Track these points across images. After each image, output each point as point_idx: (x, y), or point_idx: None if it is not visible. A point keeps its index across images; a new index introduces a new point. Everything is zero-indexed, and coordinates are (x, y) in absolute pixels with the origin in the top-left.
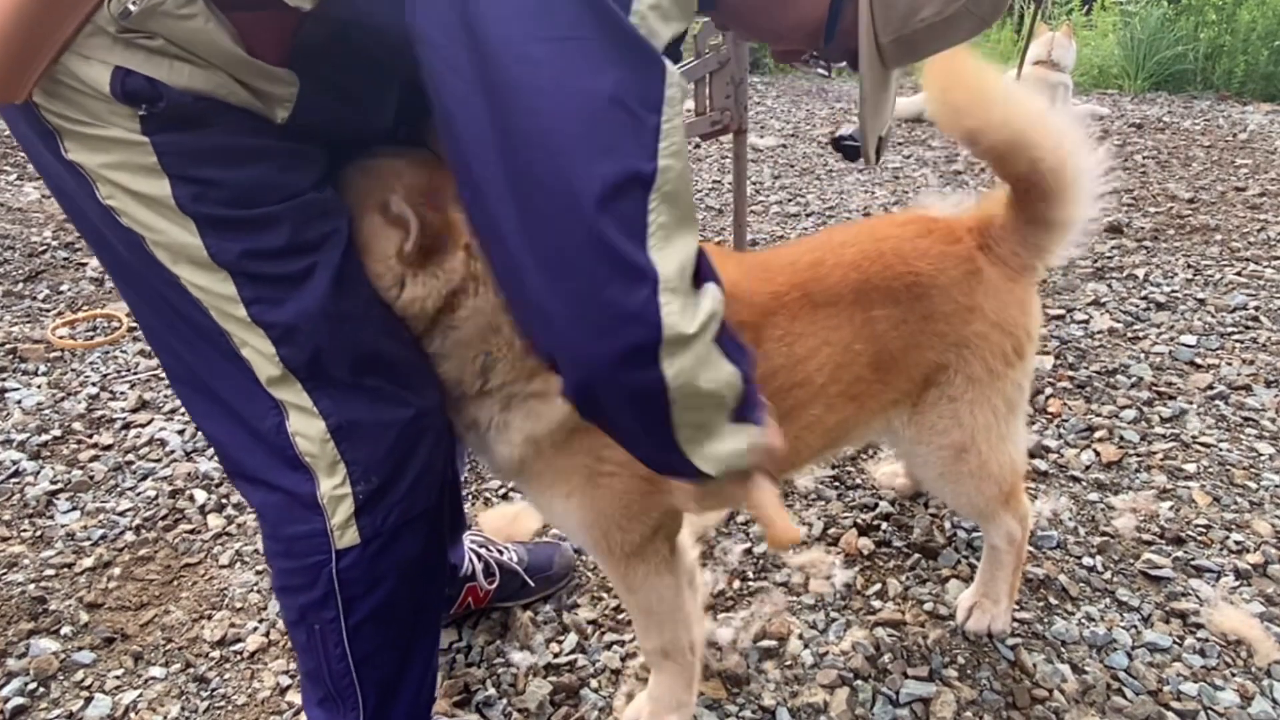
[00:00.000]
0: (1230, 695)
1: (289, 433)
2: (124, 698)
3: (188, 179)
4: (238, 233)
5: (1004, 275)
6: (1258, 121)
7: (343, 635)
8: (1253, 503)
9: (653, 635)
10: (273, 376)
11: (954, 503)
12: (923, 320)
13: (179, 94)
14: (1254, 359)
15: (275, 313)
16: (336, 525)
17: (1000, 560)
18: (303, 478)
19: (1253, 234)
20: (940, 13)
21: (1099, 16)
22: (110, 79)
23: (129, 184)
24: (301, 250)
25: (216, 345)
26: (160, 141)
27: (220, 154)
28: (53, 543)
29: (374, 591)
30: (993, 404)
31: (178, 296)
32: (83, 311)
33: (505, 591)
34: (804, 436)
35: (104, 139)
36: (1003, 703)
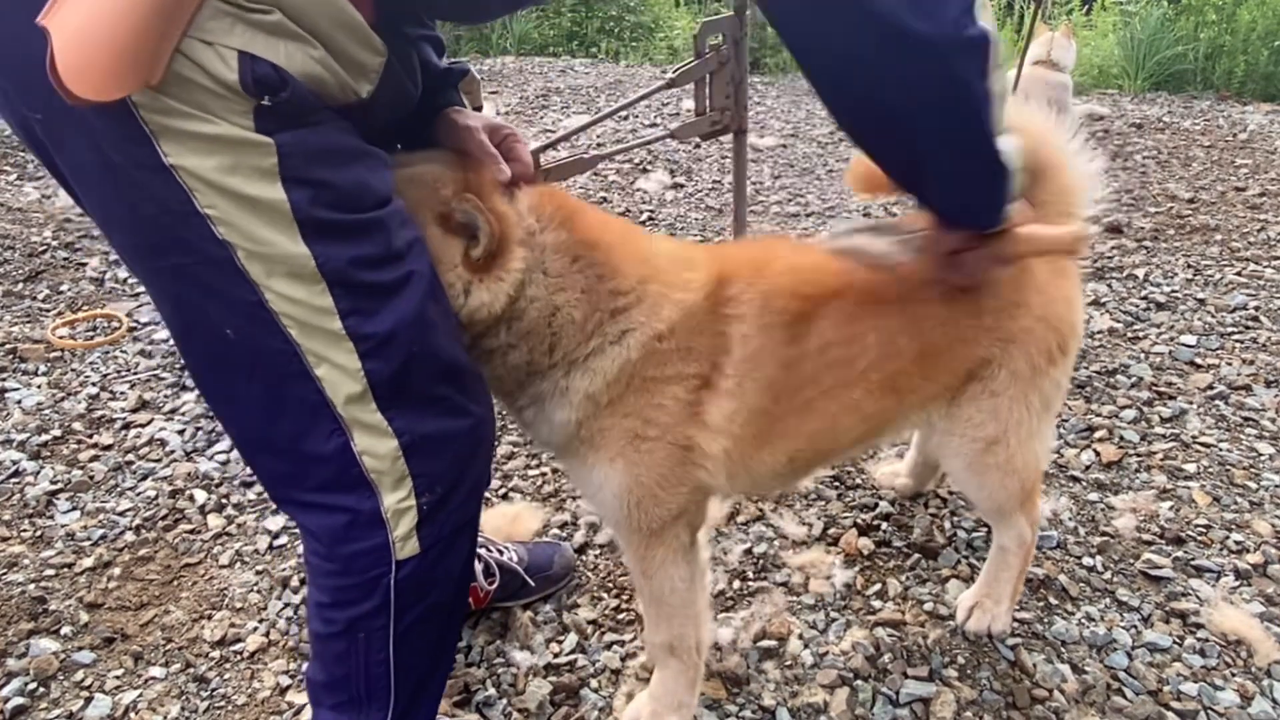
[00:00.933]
0: (1230, 695)
1: (355, 452)
2: (124, 698)
3: (303, 181)
4: (345, 239)
5: (1051, 270)
6: (1258, 121)
7: (388, 641)
8: (1253, 503)
9: (662, 628)
10: (351, 394)
11: (976, 495)
12: (970, 315)
13: (299, 83)
14: (1254, 359)
15: (371, 324)
16: (399, 538)
17: (1007, 562)
18: (364, 495)
19: (1253, 234)
20: None
21: (1099, 16)
22: (239, 67)
23: (242, 188)
24: (397, 258)
25: (282, 370)
26: (284, 140)
27: (328, 154)
28: (53, 543)
29: (425, 597)
30: (1029, 400)
31: (251, 316)
32: (83, 311)
33: (506, 591)
34: (841, 419)
35: (217, 139)
36: (1003, 703)
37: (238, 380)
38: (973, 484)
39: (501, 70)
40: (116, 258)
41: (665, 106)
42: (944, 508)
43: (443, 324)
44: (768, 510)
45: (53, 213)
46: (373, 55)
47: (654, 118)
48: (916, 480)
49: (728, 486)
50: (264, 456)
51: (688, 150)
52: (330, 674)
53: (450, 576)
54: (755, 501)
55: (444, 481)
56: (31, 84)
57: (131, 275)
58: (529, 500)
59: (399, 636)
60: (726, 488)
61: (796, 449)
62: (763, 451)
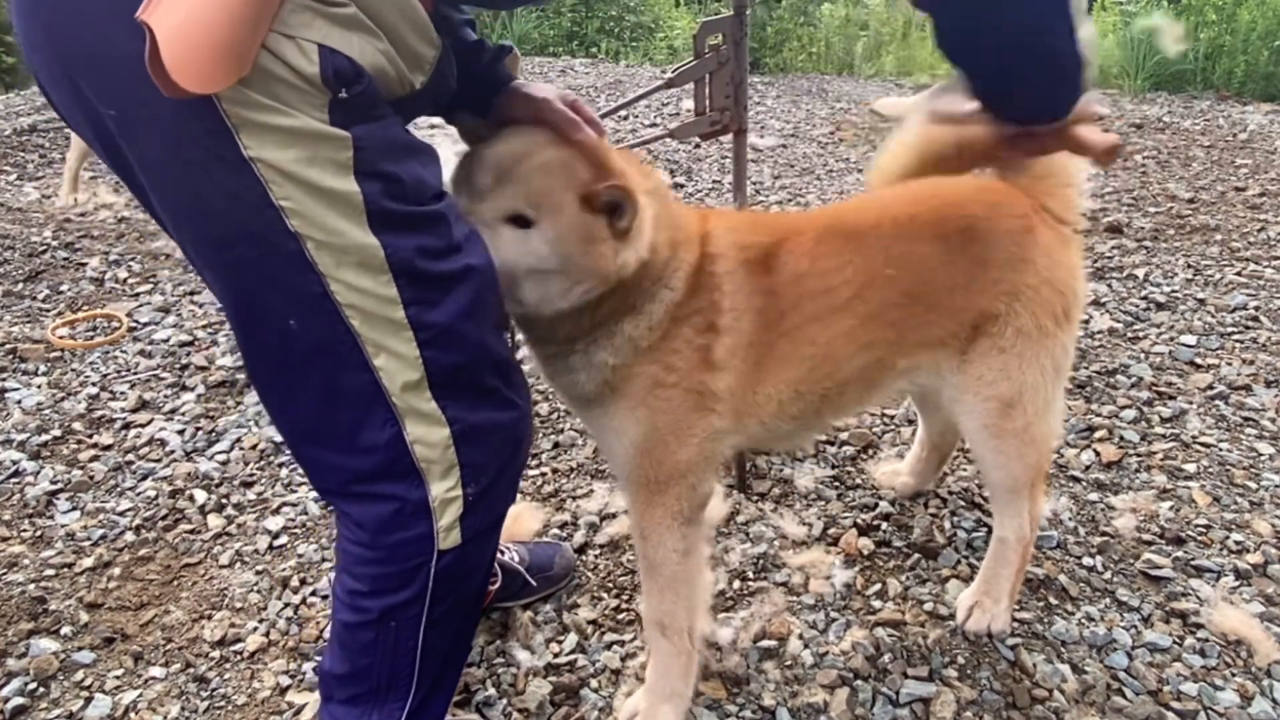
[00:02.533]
0: (1230, 695)
1: (408, 441)
2: (124, 698)
3: (374, 174)
4: (410, 231)
5: (1057, 236)
6: (1258, 121)
7: (419, 630)
8: (1253, 503)
9: (654, 600)
10: (408, 382)
11: (993, 462)
12: (975, 264)
13: (371, 76)
14: (1254, 359)
15: (432, 314)
16: (443, 527)
17: (1005, 558)
18: (413, 484)
19: (1253, 234)
20: None
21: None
22: (319, 60)
23: (318, 180)
24: (454, 249)
25: (341, 360)
26: (359, 134)
27: (394, 149)
28: (53, 543)
29: (458, 588)
30: (1041, 363)
31: (310, 311)
32: (83, 311)
33: (506, 591)
34: (837, 346)
35: (296, 132)
36: (1003, 703)
37: (296, 372)
38: (990, 449)
39: None
40: (117, 257)
41: (665, 106)
42: (944, 508)
43: (495, 316)
44: (768, 510)
45: (53, 213)
46: (429, 48)
47: (654, 118)
48: (917, 479)
49: (738, 430)
50: (317, 448)
51: (688, 150)
52: (353, 664)
53: (480, 568)
54: (755, 501)
55: (488, 472)
56: (110, 82)
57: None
58: (529, 500)
59: (430, 626)
60: (738, 432)
61: (798, 378)
62: (765, 384)
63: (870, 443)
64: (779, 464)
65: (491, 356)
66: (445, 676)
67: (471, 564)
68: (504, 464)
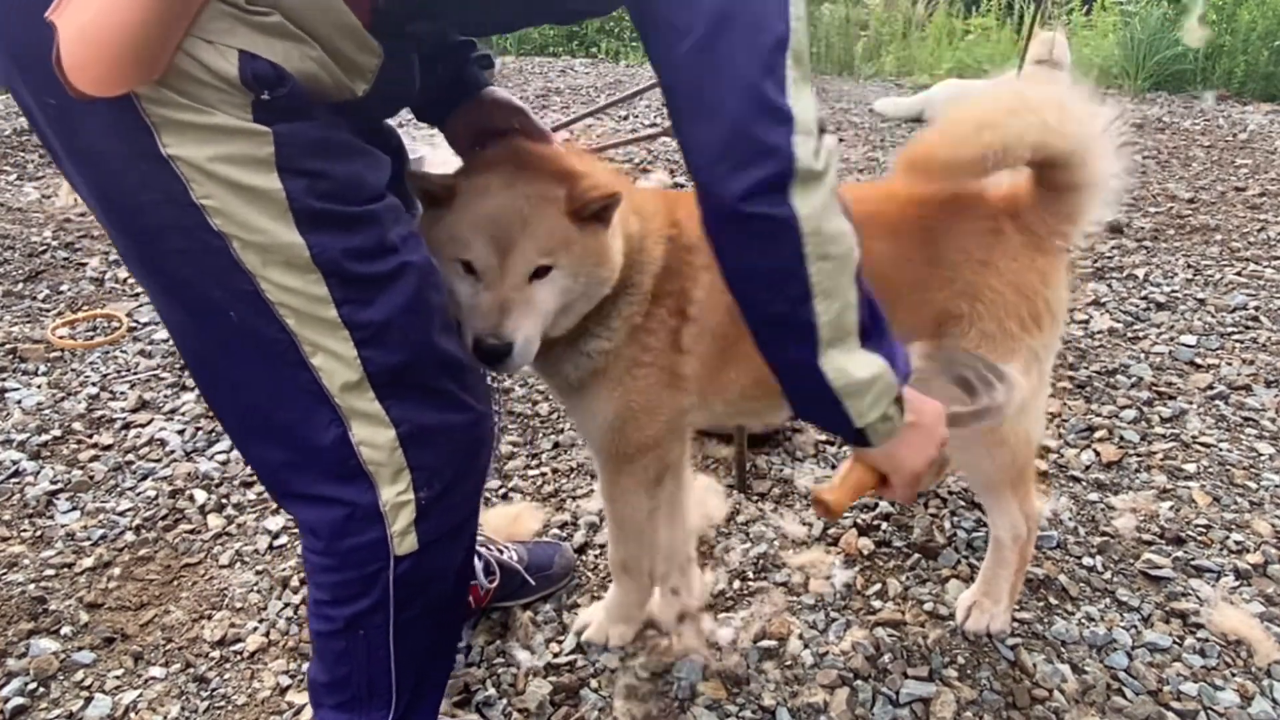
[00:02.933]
0: (1230, 695)
1: (353, 443)
2: (124, 698)
3: (299, 171)
4: (338, 230)
5: (1029, 243)
6: (1258, 121)
7: (389, 638)
8: (1253, 503)
9: (619, 546)
10: (348, 382)
11: (965, 463)
12: (929, 263)
13: (297, 80)
14: (1254, 359)
15: (366, 312)
16: (397, 532)
17: (1003, 558)
18: (363, 488)
19: (1253, 234)
20: None
21: (1099, 16)
22: (239, 64)
23: (238, 177)
24: (390, 250)
25: (279, 358)
26: (280, 130)
27: (325, 147)
28: (53, 543)
29: (424, 594)
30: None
31: (246, 308)
32: (83, 311)
33: (506, 590)
34: None
35: (214, 129)
36: (1003, 703)
37: (238, 370)
38: (959, 448)
39: (501, 70)
40: (117, 258)
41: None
42: (944, 508)
43: (441, 317)
44: (768, 510)
45: (53, 213)
46: (369, 56)
47: (654, 117)
48: None
49: (704, 409)
50: (263, 446)
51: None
52: (332, 673)
53: (448, 574)
54: (755, 501)
55: (443, 476)
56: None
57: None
58: (529, 500)
59: (399, 633)
60: (703, 411)
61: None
62: (728, 370)
63: None
64: (779, 464)
65: (438, 356)
66: (428, 683)
67: (435, 569)
68: (461, 468)
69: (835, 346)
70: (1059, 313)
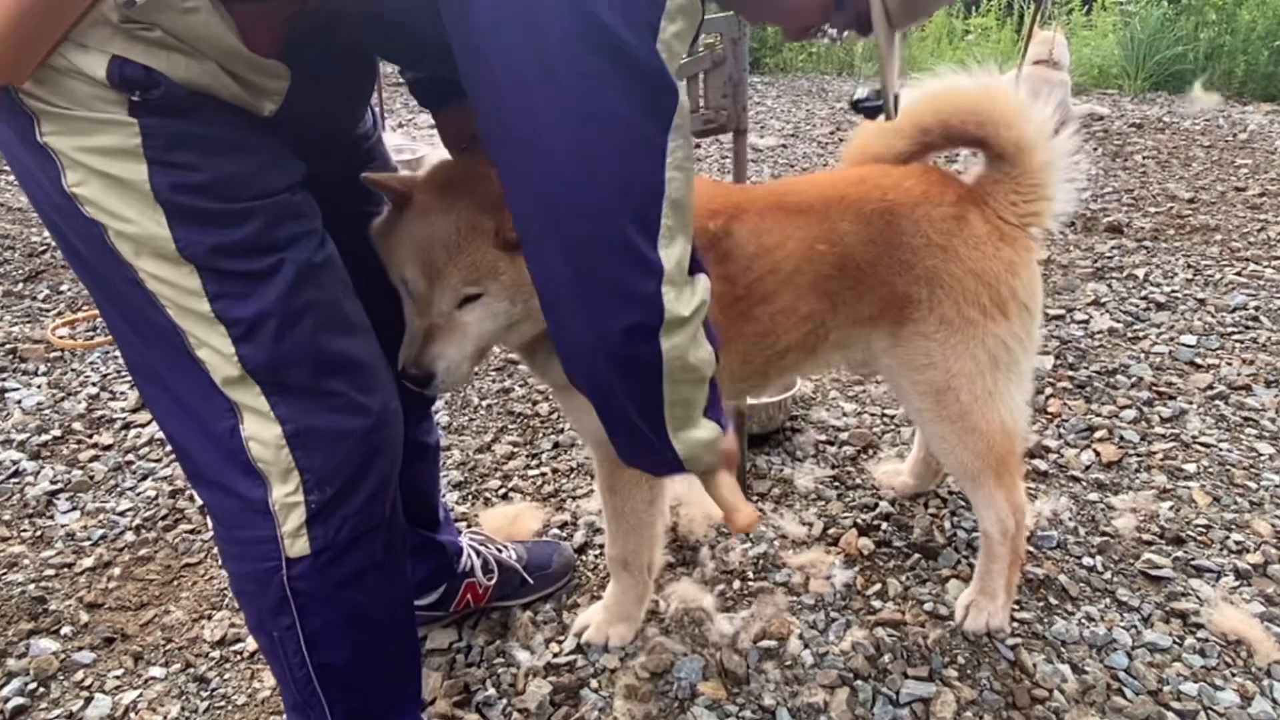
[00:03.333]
0: (1230, 695)
1: (243, 437)
2: (124, 698)
3: (167, 164)
4: (207, 225)
5: (993, 231)
6: (1258, 121)
7: (300, 644)
8: (1253, 503)
9: (619, 542)
10: (230, 377)
11: (936, 447)
12: (888, 246)
13: (174, 84)
14: (1254, 359)
15: (239, 308)
16: (287, 533)
17: (994, 552)
18: (255, 483)
19: (1253, 234)
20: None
21: (1099, 16)
22: (107, 67)
23: (104, 167)
24: (270, 248)
25: (175, 348)
26: (148, 124)
27: (205, 142)
28: (53, 543)
29: (331, 603)
30: (971, 352)
31: (135, 293)
32: (83, 311)
33: (505, 589)
34: (779, 321)
35: (86, 120)
36: (1003, 703)
37: (146, 350)
38: (930, 434)
39: None
40: None
41: None
42: (944, 508)
43: (327, 316)
44: (768, 510)
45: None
46: (273, 80)
47: None
48: (917, 479)
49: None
50: (174, 426)
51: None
52: (273, 670)
53: (360, 585)
54: (755, 501)
55: (334, 481)
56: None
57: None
58: (529, 500)
59: (311, 644)
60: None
61: (745, 350)
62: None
63: (870, 443)
64: (779, 464)
65: (321, 356)
66: (364, 710)
67: (341, 578)
68: (356, 474)
69: (682, 429)
70: (1030, 302)
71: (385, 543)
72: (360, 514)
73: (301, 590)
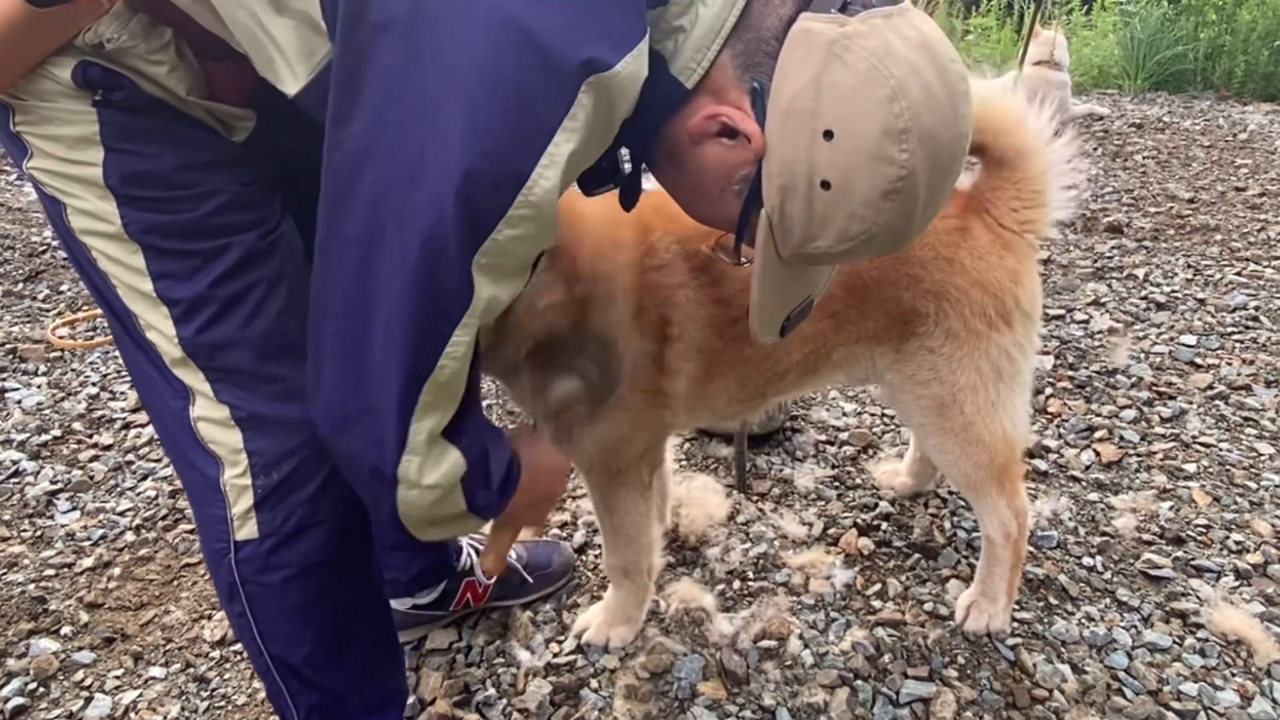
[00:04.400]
0: (1230, 695)
1: (191, 417)
2: (124, 698)
3: (122, 150)
4: (153, 208)
5: (996, 240)
6: (1258, 121)
7: (255, 633)
8: (1253, 503)
9: (618, 553)
10: (174, 359)
11: (939, 460)
12: (894, 261)
13: (141, 92)
14: (1254, 359)
15: (180, 288)
16: (236, 515)
17: (996, 556)
18: (209, 461)
19: (1253, 234)
20: (834, 247)
21: (1099, 16)
22: (72, 69)
23: (64, 153)
24: (217, 232)
25: (131, 328)
26: (106, 114)
27: (161, 135)
28: (53, 543)
29: (278, 594)
30: (976, 364)
31: (98, 277)
32: (83, 311)
33: (505, 589)
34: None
35: (52, 111)
36: (1003, 703)
37: (116, 329)
38: (932, 447)
39: None
40: None
41: None
42: (944, 508)
43: (280, 301)
44: (768, 510)
45: None
46: (240, 121)
47: None
48: (916, 479)
49: (688, 421)
50: (151, 401)
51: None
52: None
53: (310, 579)
54: (755, 501)
55: (281, 468)
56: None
57: None
58: None
59: (263, 634)
60: (688, 422)
61: (745, 374)
62: (714, 381)
63: (870, 443)
64: (779, 464)
65: (268, 341)
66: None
67: (287, 570)
68: (305, 462)
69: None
70: (1032, 310)
71: (344, 543)
72: (309, 504)
73: (248, 577)
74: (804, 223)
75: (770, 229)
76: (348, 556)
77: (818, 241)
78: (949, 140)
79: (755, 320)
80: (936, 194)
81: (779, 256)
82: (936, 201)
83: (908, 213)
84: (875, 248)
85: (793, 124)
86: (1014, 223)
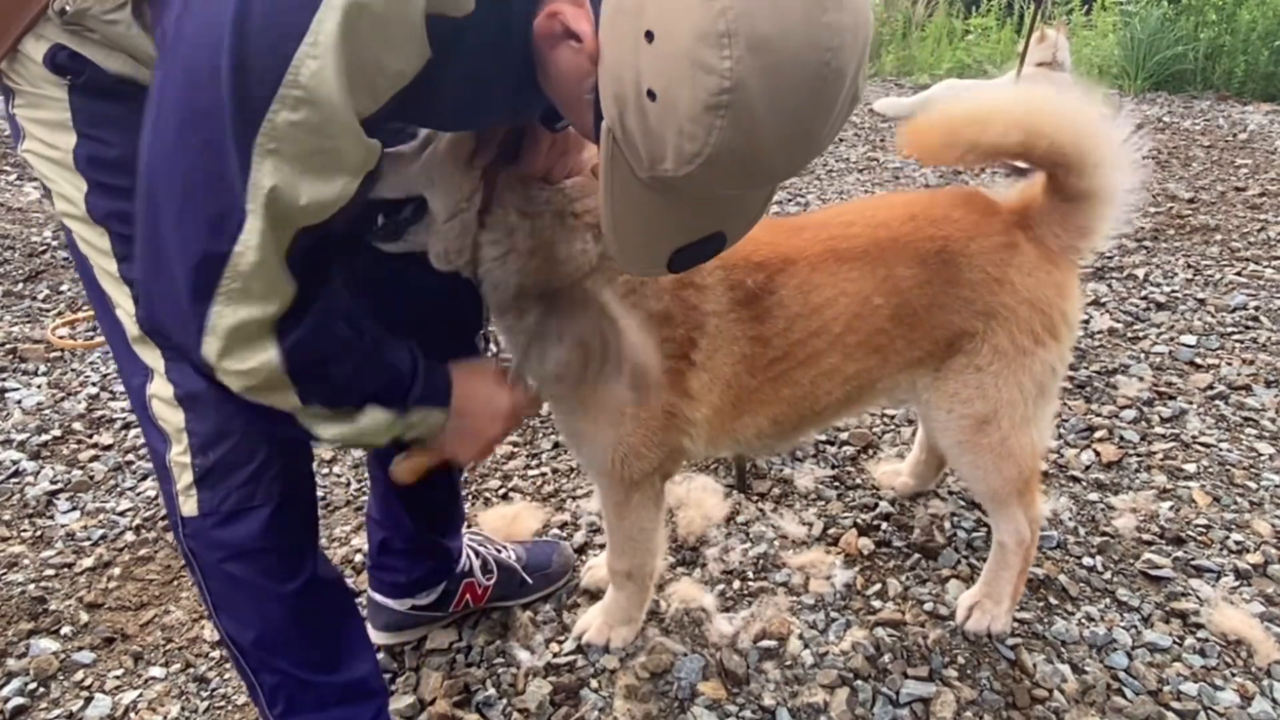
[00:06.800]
0: (1230, 695)
1: (146, 395)
2: (124, 698)
3: (90, 137)
4: (116, 194)
5: (1042, 255)
6: (1258, 121)
7: (212, 607)
8: (1253, 503)
9: (626, 558)
10: (135, 337)
11: (970, 475)
12: (947, 284)
13: (103, 73)
14: (1254, 359)
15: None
16: (180, 490)
17: (1006, 560)
18: (160, 437)
19: (1253, 234)
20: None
21: (1099, 16)
22: (45, 52)
23: (46, 137)
24: None
25: (105, 307)
26: (76, 101)
27: (123, 122)
28: (53, 543)
29: (220, 571)
30: (1020, 381)
31: (78, 254)
32: (83, 311)
33: (504, 589)
34: (821, 383)
35: (39, 96)
36: (1003, 703)
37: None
38: (966, 463)
39: None
40: None
41: None
42: (944, 508)
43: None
44: (768, 510)
45: (52, 213)
46: None
47: None
48: (917, 480)
49: (709, 449)
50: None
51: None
52: None
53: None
54: (755, 501)
55: (218, 448)
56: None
57: None
58: (529, 500)
59: (217, 607)
60: (707, 450)
61: (778, 414)
62: (744, 417)
63: (870, 443)
64: (779, 464)
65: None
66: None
67: (226, 549)
68: (237, 443)
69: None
70: (1074, 323)
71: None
72: (245, 488)
73: (195, 551)
74: (643, 139)
75: (617, 145)
76: (287, 546)
77: (665, 163)
78: (795, 50)
79: (613, 246)
80: (792, 117)
81: (637, 177)
82: (798, 126)
83: (747, 132)
84: (723, 174)
85: (619, 24)
86: (1060, 240)
